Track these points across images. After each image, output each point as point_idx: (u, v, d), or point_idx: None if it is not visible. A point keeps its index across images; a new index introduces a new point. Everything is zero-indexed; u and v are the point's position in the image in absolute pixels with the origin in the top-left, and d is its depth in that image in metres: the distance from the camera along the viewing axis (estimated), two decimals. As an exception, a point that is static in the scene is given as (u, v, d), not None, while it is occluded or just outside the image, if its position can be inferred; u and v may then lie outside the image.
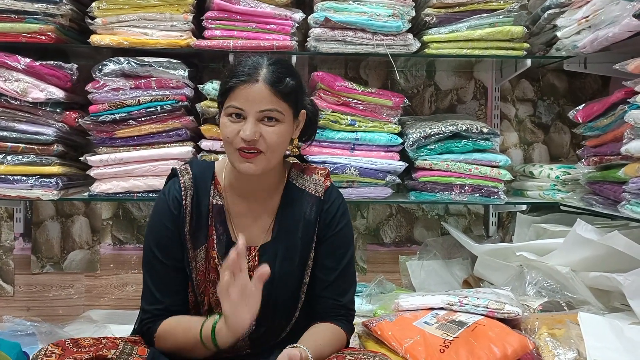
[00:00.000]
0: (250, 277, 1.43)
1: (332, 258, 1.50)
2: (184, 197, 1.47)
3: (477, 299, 1.81)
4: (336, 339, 1.46)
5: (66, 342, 1.35)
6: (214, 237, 1.48)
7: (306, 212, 1.50)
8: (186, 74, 2.24)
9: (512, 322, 1.76)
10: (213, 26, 2.26)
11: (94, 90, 2.23)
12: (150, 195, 2.28)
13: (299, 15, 2.29)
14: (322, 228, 1.51)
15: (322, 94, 2.32)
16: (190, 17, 2.25)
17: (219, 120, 1.47)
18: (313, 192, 1.52)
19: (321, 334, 1.45)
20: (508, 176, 2.40)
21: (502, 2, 2.33)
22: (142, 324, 1.48)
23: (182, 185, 1.48)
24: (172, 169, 1.54)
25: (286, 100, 1.40)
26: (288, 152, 2.24)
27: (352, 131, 2.34)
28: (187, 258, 1.47)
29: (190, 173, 1.50)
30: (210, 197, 1.49)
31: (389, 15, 2.28)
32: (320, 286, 1.50)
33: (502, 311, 1.76)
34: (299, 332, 1.49)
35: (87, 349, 1.33)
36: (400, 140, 2.37)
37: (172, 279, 1.47)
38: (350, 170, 2.31)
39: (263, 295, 1.40)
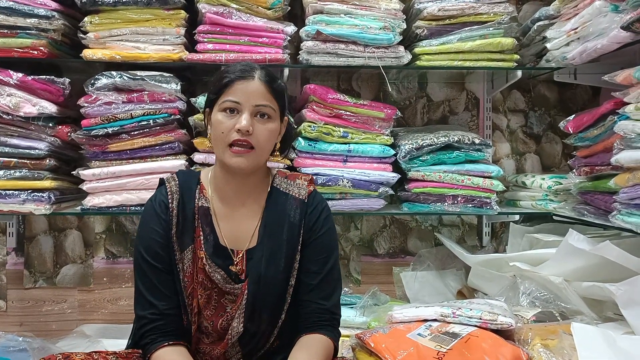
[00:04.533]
0: (239, 280, 1.47)
1: (316, 262, 1.53)
2: (170, 201, 1.51)
3: (471, 310, 1.81)
4: (325, 351, 1.47)
5: (57, 357, 1.36)
6: (201, 238, 1.51)
7: (290, 214, 1.54)
8: (179, 87, 2.24)
9: (505, 333, 1.75)
10: (205, 40, 2.27)
11: (86, 105, 2.23)
12: (145, 203, 2.28)
13: (290, 29, 2.31)
14: (306, 231, 1.53)
15: (314, 107, 2.33)
16: (182, 31, 2.26)
17: (205, 123, 1.54)
18: (297, 195, 1.56)
19: (310, 350, 1.45)
20: (500, 187, 2.41)
21: (492, 14, 2.35)
22: (139, 331, 1.49)
23: (168, 190, 1.53)
24: (160, 179, 1.58)
25: (277, 99, 1.48)
26: (282, 165, 2.26)
27: (345, 143, 2.35)
28: (175, 260, 1.49)
29: (177, 180, 1.56)
30: (196, 200, 1.53)
31: (380, 28, 2.30)
32: (304, 290, 1.52)
33: (495, 322, 1.75)
34: (287, 336, 1.52)
35: (78, 364, 1.34)
36: (393, 152, 2.38)
37: (163, 282, 1.49)
38: (343, 182, 2.32)
39: (249, 297, 1.46)
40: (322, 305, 1.51)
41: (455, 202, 2.39)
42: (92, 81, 2.21)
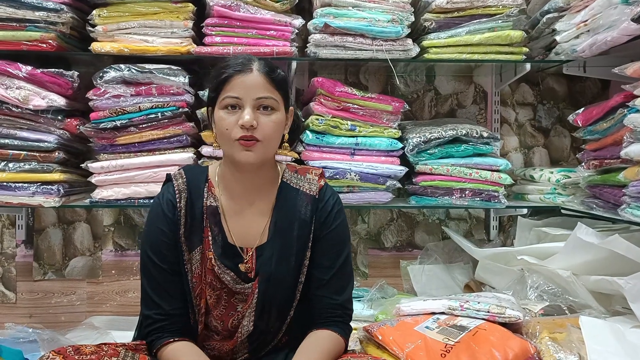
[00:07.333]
0: (248, 279, 1.46)
1: (328, 257, 1.51)
2: (178, 200, 1.48)
3: (478, 303, 1.81)
4: (334, 348, 1.46)
5: (67, 350, 1.36)
6: (209, 238, 1.48)
7: (301, 211, 1.51)
8: (186, 80, 2.24)
9: (513, 327, 1.76)
10: (213, 33, 2.27)
11: (95, 98, 2.24)
12: (152, 201, 2.29)
13: (298, 22, 2.30)
14: (317, 227, 1.51)
15: (322, 100, 2.32)
16: (190, 24, 2.26)
17: (209, 122, 1.51)
18: (307, 191, 1.53)
19: (318, 347, 1.44)
20: (508, 180, 2.40)
21: (500, 6, 2.33)
22: (145, 329, 1.49)
23: (176, 188, 1.49)
24: (167, 174, 1.55)
25: (279, 90, 1.44)
26: (289, 158, 2.26)
27: (353, 136, 2.34)
28: (183, 261, 1.48)
29: (184, 177, 1.52)
30: (205, 199, 1.50)
31: (388, 21, 2.29)
32: (316, 285, 1.50)
33: (503, 315, 1.75)
34: (295, 332, 1.51)
35: (88, 356, 1.35)
36: (401, 145, 2.37)
37: (169, 283, 1.47)
38: (350, 175, 2.32)
39: (259, 295, 1.45)
40: (335, 300, 1.49)
41: (463, 195, 2.38)
42: (101, 74, 2.21)
